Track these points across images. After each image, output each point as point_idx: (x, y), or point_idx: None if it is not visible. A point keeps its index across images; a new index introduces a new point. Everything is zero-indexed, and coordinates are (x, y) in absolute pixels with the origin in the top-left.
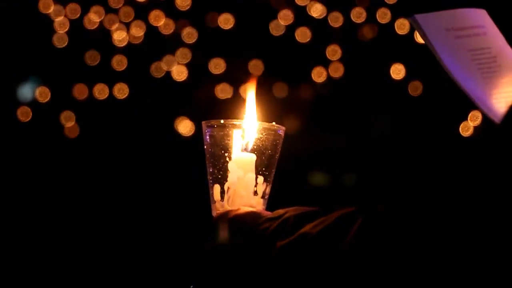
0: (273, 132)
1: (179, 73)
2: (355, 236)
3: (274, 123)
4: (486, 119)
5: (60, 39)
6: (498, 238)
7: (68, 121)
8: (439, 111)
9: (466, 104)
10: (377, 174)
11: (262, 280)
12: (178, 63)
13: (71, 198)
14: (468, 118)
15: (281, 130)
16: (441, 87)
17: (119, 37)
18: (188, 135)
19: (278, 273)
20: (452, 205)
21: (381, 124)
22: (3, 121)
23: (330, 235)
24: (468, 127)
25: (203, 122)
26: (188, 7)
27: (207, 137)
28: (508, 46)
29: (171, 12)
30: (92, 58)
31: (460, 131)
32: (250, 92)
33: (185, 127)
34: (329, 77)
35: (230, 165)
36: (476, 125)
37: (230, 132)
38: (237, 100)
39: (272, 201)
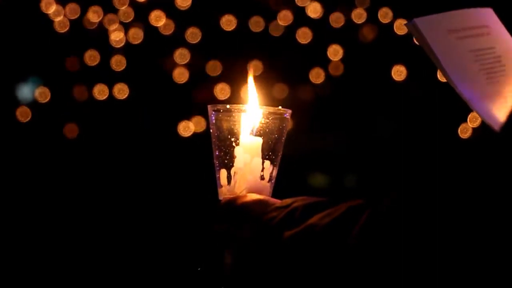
0: (279, 116)
1: (180, 74)
2: (363, 229)
3: (280, 107)
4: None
5: (60, 39)
6: (499, 233)
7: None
8: (439, 112)
9: (466, 106)
10: (377, 174)
11: (268, 269)
12: (178, 64)
13: (71, 199)
14: (468, 120)
15: (287, 114)
16: (441, 88)
17: (116, 37)
18: (187, 135)
19: (284, 262)
20: (457, 199)
21: (382, 124)
22: (3, 122)
23: (338, 228)
24: (467, 128)
25: (209, 106)
26: (188, 6)
27: (213, 121)
28: None
29: (172, 12)
30: (92, 58)
31: (459, 133)
32: (249, 80)
33: (185, 127)
34: (329, 77)
35: (237, 150)
36: (475, 126)
37: (236, 116)
38: (236, 101)
39: (277, 195)
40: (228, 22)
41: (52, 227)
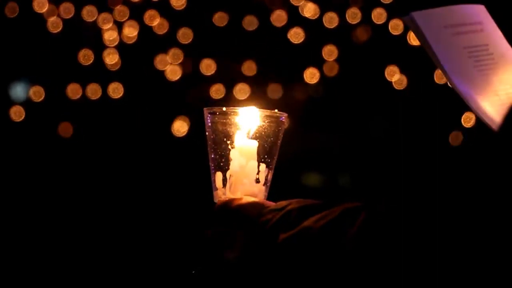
0: (275, 119)
1: (174, 74)
2: (358, 231)
3: (276, 110)
4: (480, 122)
5: (54, 38)
6: (496, 232)
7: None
8: (435, 112)
9: (461, 106)
10: (372, 175)
11: (264, 271)
12: (171, 64)
13: (65, 198)
14: (462, 120)
15: (284, 117)
16: (436, 88)
17: (110, 36)
18: (181, 135)
19: (279, 265)
20: (453, 202)
21: (377, 124)
22: None
23: (333, 230)
24: (470, 118)
25: (205, 109)
26: (183, 6)
27: (209, 124)
28: (506, 43)
29: (166, 12)
30: (86, 57)
31: (450, 140)
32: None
33: (179, 127)
34: (324, 78)
35: (232, 153)
36: (469, 126)
37: (232, 119)
38: (231, 100)
39: (272, 196)
40: (221, 19)
41: (46, 226)
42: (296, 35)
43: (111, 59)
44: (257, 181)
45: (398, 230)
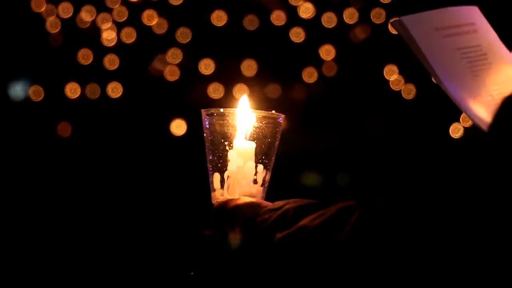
0: (272, 120)
1: (173, 73)
2: (352, 230)
3: (273, 111)
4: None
5: (53, 38)
6: (494, 235)
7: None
8: (431, 111)
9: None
10: (370, 174)
11: (260, 270)
12: (170, 63)
13: (63, 197)
14: (460, 119)
15: (281, 118)
16: (434, 87)
17: (108, 36)
18: (180, 135)
19: (276, 264)
20: (447, 199)
21: (375, 124)
22: None
23: (329, 229)
24: (458, 128)
25: (202, 110)
26: (181, 1)
27: (207, 125)
28: (500, 43)
29: (165, 12)
30: (85, 57)
31: (450, 133)
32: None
33: (177, 127)
34: (322, 77)
35: (230, 154)
36: (467, 126)
37: (230, 120)
38: (229, 100)
39: (269, 196)
40: (219, 18)
41: (45, 225)
42: (297, 35)
43: (110, 58)
44: (255, 182)
45: (393, 228)
